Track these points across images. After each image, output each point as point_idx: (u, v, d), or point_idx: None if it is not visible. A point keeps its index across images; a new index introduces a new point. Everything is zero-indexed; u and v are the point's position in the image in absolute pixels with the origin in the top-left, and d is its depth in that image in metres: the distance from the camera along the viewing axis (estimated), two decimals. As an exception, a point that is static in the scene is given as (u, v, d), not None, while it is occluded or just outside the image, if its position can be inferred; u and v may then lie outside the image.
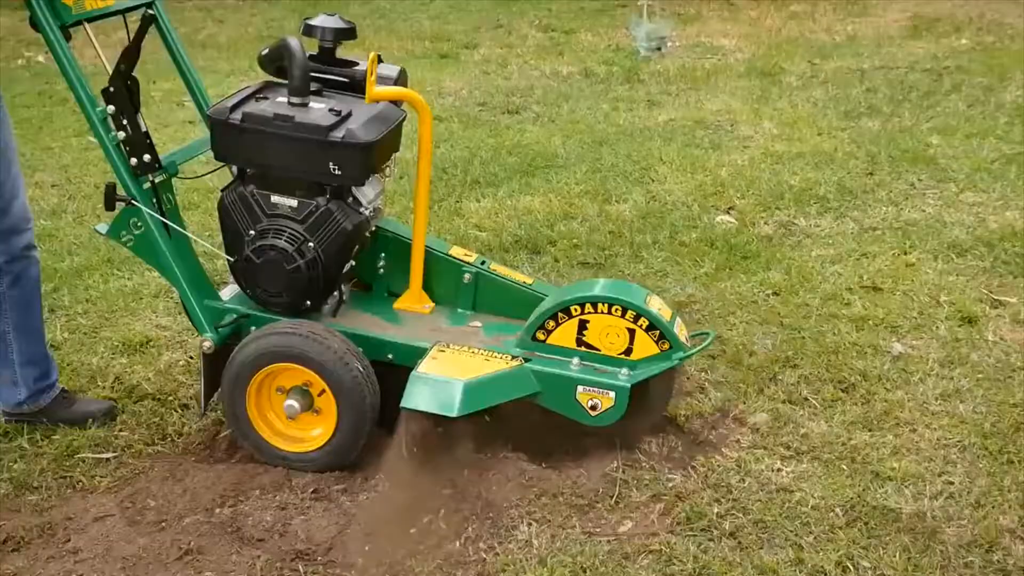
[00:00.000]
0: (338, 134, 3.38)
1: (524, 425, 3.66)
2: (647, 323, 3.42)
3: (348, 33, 3.66)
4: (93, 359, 4.38)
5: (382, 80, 3.59)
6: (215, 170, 3.94)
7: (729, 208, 5.87)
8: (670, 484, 3.46)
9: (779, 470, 3.52)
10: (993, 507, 3.29)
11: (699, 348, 3.57)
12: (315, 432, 3.57)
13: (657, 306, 3.48)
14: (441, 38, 11.17)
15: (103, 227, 3.66)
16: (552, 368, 3.48)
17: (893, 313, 4.54)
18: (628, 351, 3.46)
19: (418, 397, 3.33)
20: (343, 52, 3.76)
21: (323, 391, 3.47)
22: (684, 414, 3.83)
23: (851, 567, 3.06)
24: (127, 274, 5.22)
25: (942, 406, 3.85)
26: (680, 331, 3.50)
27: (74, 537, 3.29)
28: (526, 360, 3.50)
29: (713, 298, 4.76)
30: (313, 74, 3.62)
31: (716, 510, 3.32)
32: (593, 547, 3.17)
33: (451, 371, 3.40)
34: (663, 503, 3.38)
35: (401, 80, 3.69)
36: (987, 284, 4.81)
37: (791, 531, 3.22)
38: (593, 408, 3.45)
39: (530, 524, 3.28)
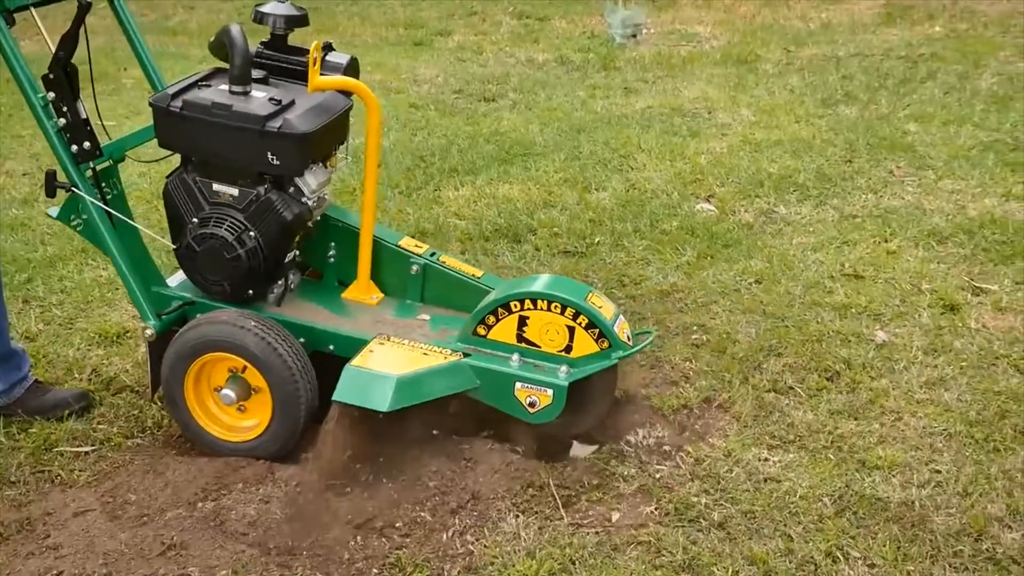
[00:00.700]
0: (275, 124, 3.34)
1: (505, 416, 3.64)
2: (586, 321, 3.37)
3: (300, 20, 3.61)
4: (69, 351, 4.31)
5: (330, 68, 3.54)
6: (167, 156, 3.89)
7: (709, 196, 5.85)
8: (657, 475, 3.44)
9: (766, 460, 3.50)
10: (981, 495, 3.29)
11: (639, 347, 3.52)
12: (251, 422, 3.57)
13: (599, 304, 3.44)
14: (415, 25, 11.08)
15: (54, 211, 3.61)
16: (491, 364, 3.43)
17: (876, 301, 4.54)
18: (568, 348, 3.42)
19: (349, 390, 3.30)
20: (305, 39, 3.70)
21: (244, 368, 3.47)
22: (669, 404, 3.81)
23: (841, 557, 3.05)
24: (102, 264, 5.13)
25: (927, 394, 3.85)
26: (621, 330, 3.45)
27: (54, 532, 3.23)
28: (465, 355, 3.46)
29: (695, 287, 4.74)
30: (264, 61, 3.58)
31: (704, 501, 3.31)
32: (581, 539, 3.15)
33: (385, 365, 3.35)
34: (651, 494, 3.36)
35: (351, 69, 3.63)
36: (968, 272, 4.82)
37: (780, 521, 3.20)
38: (531, 405, 3.40)
39: (517, 516, 3.26)
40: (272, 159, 3.37)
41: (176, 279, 3.78)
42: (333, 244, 3.85)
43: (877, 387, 3.89)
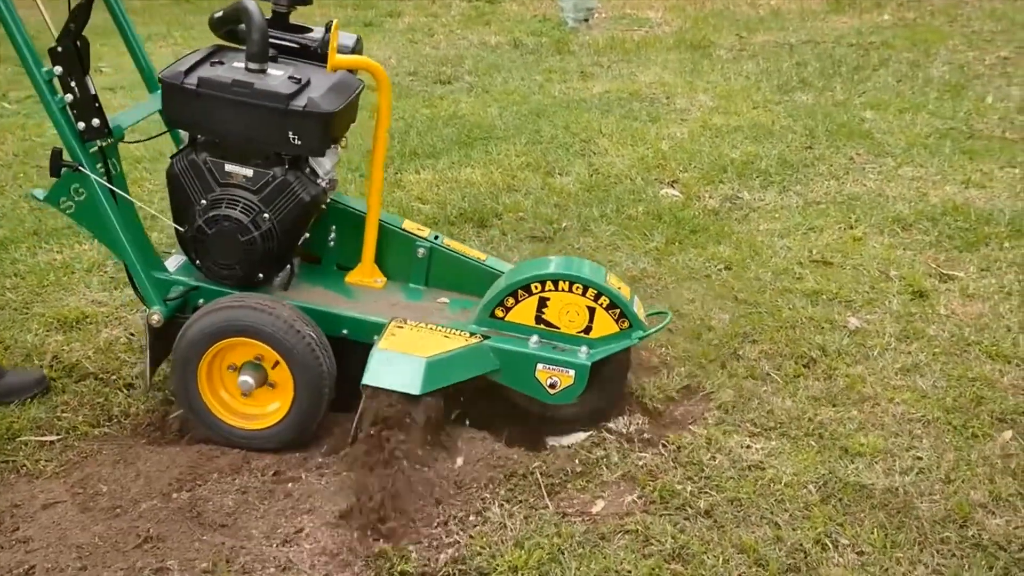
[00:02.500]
0: (299, 103, 3.24)
1: (485, 404, 3.59)
2: (608, 302, 3.37)
3: None
4: (27, 336, 4.17)
5: (340, 49, 3.46)
6: (162, 133, 3.78)
7: (673, 181, 5.83)
8: (640, 462, 3.41)
9: (748, 447, 3.49)
10: (963, 482, 3.30)
11: (657, 328, 3.53)
12: (272, 407, 3.44)
13: (616, 284, 3.43)
14: (364, 5, 10.96)
15: (40, 192, 3.43)
16: (511, 346, 3.41)
17: (845, 288, 4.55)
18: (587, 329, 3.41)
19: (380, 374, 3.22)
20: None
21: (276, 363, 3.35)
22: (649, 391, 3.78)
23: (830, 544, 3.04)
24: (56, 247, 5.00)
25: (903, 380, 3.86)
26: (638, 310, 3.45)
27: (23, 525, 3.12)
28: (485, 337, 3.42)
29: (666, 272, 4.72)
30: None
31: (689, 488, 3.28)
32: (568, 528, 3.10)
33: (412, 348, 3.30)
34: (635, 482, 3.32)
35: (358, 49, 3.57)
36: (934, 258, 4.85)
37: (766, 509, 3.19)
38: (552, 386, 3.40)
39: (502, 505, 3.21)
40: (294, 139, 3.27)
41: (174, 263, 3.64)
42: (334, 227, 3.76)
43: (853, 374, 3.90)
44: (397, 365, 3.25)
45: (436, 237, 3.80)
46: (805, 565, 2.97)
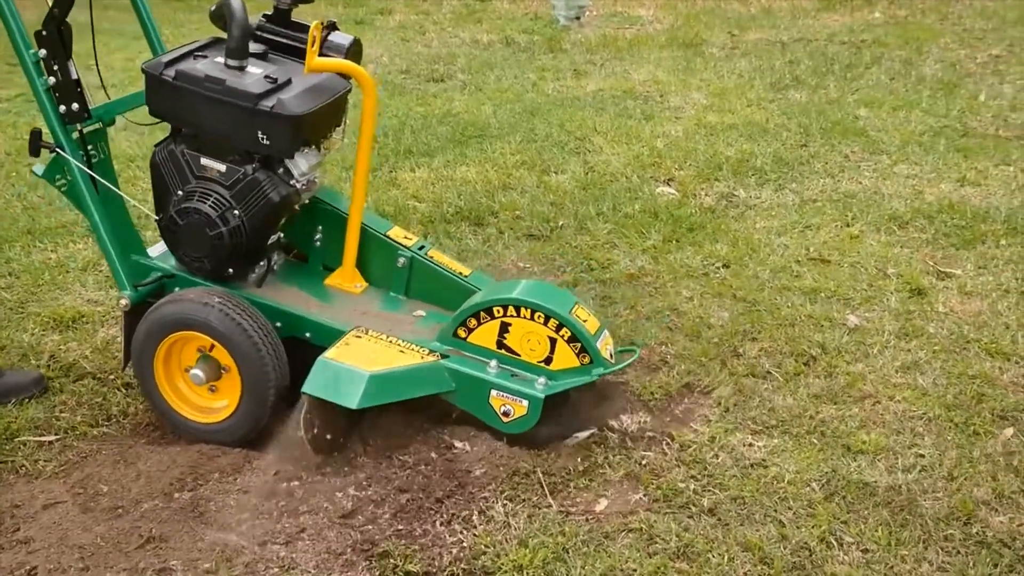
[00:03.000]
0: (268, 103, 3.24)
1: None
2: (569, 334, 3.31)
3: None
4: (24, 336, 4.15)
5: (332, 49, 3.44)
6: (158, 121, 3.76)
7: (669, 179, 5.82)
8: (643, 461, 3.40)
9: (751, 445, 3.48)
10: (966, 479, 3.30)
11: (621, 365, 3.49)
12: (222, 402, 3.47)
13: (583, 317, 3.38)
14: (355, 3, 10.93)
15: (39, 168, 3.48)
16: (468, 368, 3.36)
17: (843, 285, 4.54)
18: (548, 360, 3.36)
19: (319, 383, 3.21)
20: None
21: (212, 346, 3.38)
22: (649, 389, 3.77)
23: (835, 542, 3.03)
24: (50, 246, 4.97)
25: (903, 378, 3.86)
26: (604, 346, 3.40)
27: (24, 526, 3.10)
28: (443, 356, 3.39)
29: (664, 270, 4.71)
30: (264, 35, 3.47)
31: (692, 487, 3.27)
32: (572, 527, 3.09)
33: (359, 360, 3.25)
34: (638, 480, 3.32)
35: (354, 50, 3.54)
36: (931, 256, 4.85)
37: (770, 507, 3.18)
38: (505, 414, 3.35)
39: (505, 503, 3.20)
40: (263, 139, 3.27)
41: (157, 250, 3.64)
42: (320, 228, 3.74)
43: (854, 371, 3.89)
44: (339, 376, 3.21)
45: (422, 247, 3.75)
46: (810, 563, 2.96)
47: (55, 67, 3.31)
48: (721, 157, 6.11)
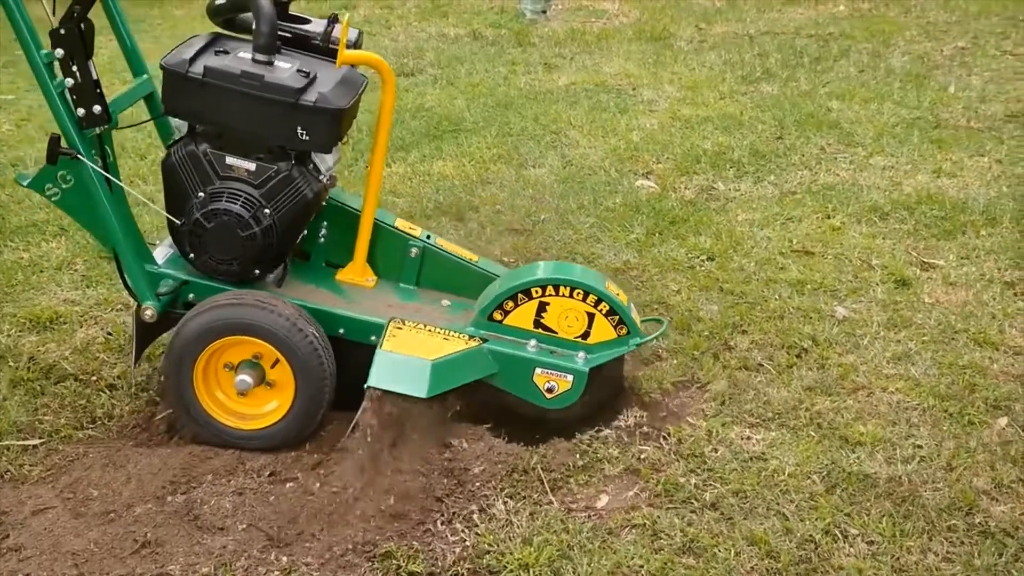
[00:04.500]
0: (310, 98, 3.16)
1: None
2: (607, 308, 3.35)
3: None
4: (0, 338, 4.04)
5: (345, 44, 3.38)
6: (148, 120, 3.70)
7: (647, 173, 5.81)
8: (642, 456, 3.37)
9: (749, 438, 3.47)
10: (965, 469, 3.30)
11: (655, 335, 3.54)
12: (269, 407, 3.36)
13: (615, 291, 3.42)
14: (318, -2, 10.82)
15: (25, 178, 3.35)
16: (510, 349, 3.38)
17: (829, 277, 4.55)
18: (585, 335, 3.39)
19: (386, 376, 3.17)
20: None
21: (276, 362, 3.28)
22: (644, 384, 3.74)
23: (839, 535, 3.03)
24: (21, 245, 4.85)
25: (895, 369, 3.86)
26: (635, 317, 3.44)
27: (13, 533, 3.01)
28: (483, 340, 3.38)
29: (649, 264, 4.69)
30: None
31: (693, 481, 3.25)
32: (575, 524, 3.06)
33: (415, 350, 3.25)
34: (637, 475, 3.29)
35: (359, 43, 3.49)
36: (914, 247, 4.87)
37: (772, 500, 3.17)
38: (549, 391, 3.37)
39: (505, 501, 3.16)
40: (302, 134, 3.18)
41: (162, 256, 3.53)
42: (325, 224, 3.68)
43: (846, 363, 3.89)
44: (403, 367, 3.20)
45: (428, 236, 3.74)
46: (816, 556, 2.95)
47: (74, 68, 3.16)
48: (698, 150, 6.10)
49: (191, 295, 3.43)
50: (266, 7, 3.15)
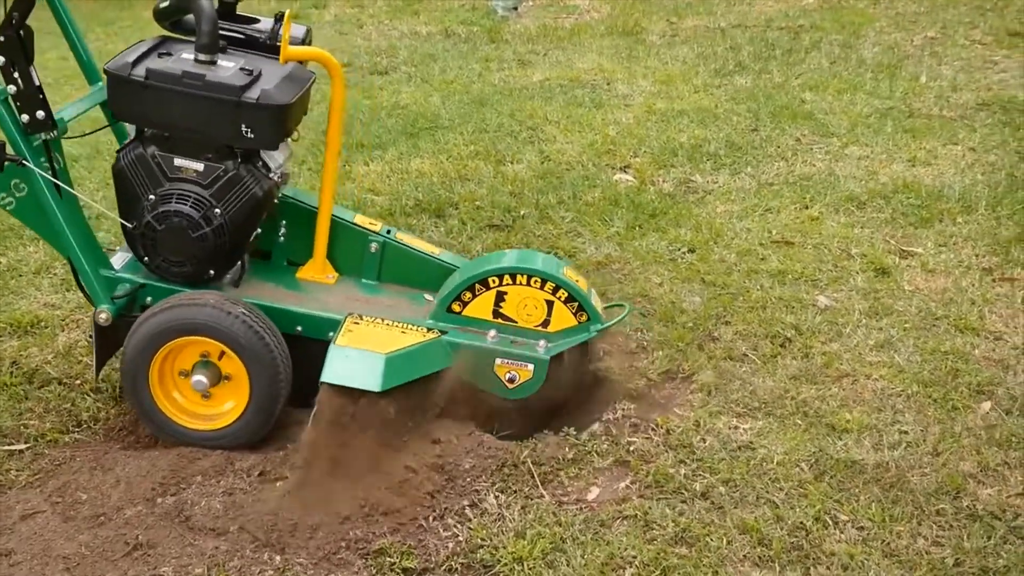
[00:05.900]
0: (252, 95, 3.17)
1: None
2: (566, 295, 3.35)
3: None
4: (-19, 343, 4.01)
5: (291, 40, 3.38)
6: (103, 127, 3.68)
7: (625, 167, 5.82)
8: (631, 447, 3.39)
9: (736, 428, 3.49)
10: (951, 454, 3.33)
11: (615, 320, 3.51)
12: (227, 405, 3.37)
13: (574, 277, 3.42)
14: (288, -3, 10.77)
15: None
16: (469, 340, 3.37)
17: (809, 267, 4.58)
18: (545, 323, 3.39)
19: (339, 371, 3.16)
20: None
21: (223, 354, 3.28)
22: (630, 376, 3.76)
23: (830, 521, 3.05)
24: (-1, 250, 4.82)
25: (878, 356, 3.89)
26: (596, 303, 3.44)
27: (3, 538, 3.00)
28: (442, 332, 3.38)
29: (631, 257, 4.70)
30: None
31: (683, 471, 3.27)
32: (567, 516, 3.07)
33: (370, 344, 3.24)
34: (627, 467, 3.31)
35: (308, 40, 3.50)
36: (892, 235, 4.90)
37: (762, 488, 3.19)
38: (511, 381, 3.37)
39: (497, 495, 3.17)
40: (247, 132, 3.18)
41: (119, 260, 3.52)
42: (284, 222, 3.67)
43: (829, 351, 3.92)
44: (356, 362, 3.19)
45: (388, 231, 3.73)
46: (808, 543, 2.97)
47: (15, 74, 3.14)
48: (675, 143, 6.12)
49: (148, 298, 3.42)
50: (206, 7, 3.15)
